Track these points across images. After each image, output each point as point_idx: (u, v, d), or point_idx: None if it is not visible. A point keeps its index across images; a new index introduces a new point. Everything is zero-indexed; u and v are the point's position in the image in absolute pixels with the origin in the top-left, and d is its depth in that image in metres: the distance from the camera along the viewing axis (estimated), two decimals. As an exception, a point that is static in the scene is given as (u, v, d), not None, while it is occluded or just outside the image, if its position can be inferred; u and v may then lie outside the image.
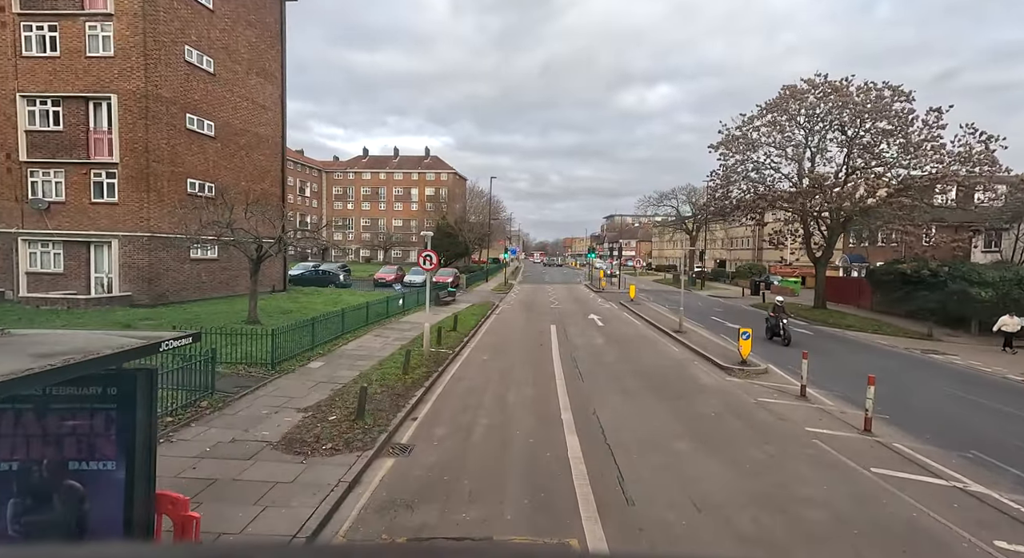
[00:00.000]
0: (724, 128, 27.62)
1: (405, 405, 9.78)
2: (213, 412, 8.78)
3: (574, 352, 15.40)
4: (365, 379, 11.30)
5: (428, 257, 14.09)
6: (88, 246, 19.11)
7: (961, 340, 20.35)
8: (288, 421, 8.55)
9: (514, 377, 12.21)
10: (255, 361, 11.81)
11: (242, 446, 7.43)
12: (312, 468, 6.96)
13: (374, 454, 7.54)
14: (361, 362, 13.12)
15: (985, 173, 22.11)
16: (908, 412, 10.18)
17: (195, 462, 6.83)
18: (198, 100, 20.96)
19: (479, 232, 57.38)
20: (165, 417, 8.14)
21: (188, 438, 7.63)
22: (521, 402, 10.25)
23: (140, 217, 18.74)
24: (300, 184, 76.71)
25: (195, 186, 20.97)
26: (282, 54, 26.40)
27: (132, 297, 18.73)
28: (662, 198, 62.85)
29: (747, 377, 12.78)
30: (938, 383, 13.14)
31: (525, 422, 9.09)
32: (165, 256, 19.16)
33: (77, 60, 18.42)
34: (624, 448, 7.91)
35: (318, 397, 9.97)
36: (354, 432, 8.16)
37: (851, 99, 23.91)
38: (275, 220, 17.56)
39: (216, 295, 22.25)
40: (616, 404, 10.24)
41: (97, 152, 18.90)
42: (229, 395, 9.67)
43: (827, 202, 24.27)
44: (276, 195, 26.34)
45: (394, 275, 36.53)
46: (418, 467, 7.25)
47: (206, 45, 21.20)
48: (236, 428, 8.14)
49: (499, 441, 8.21)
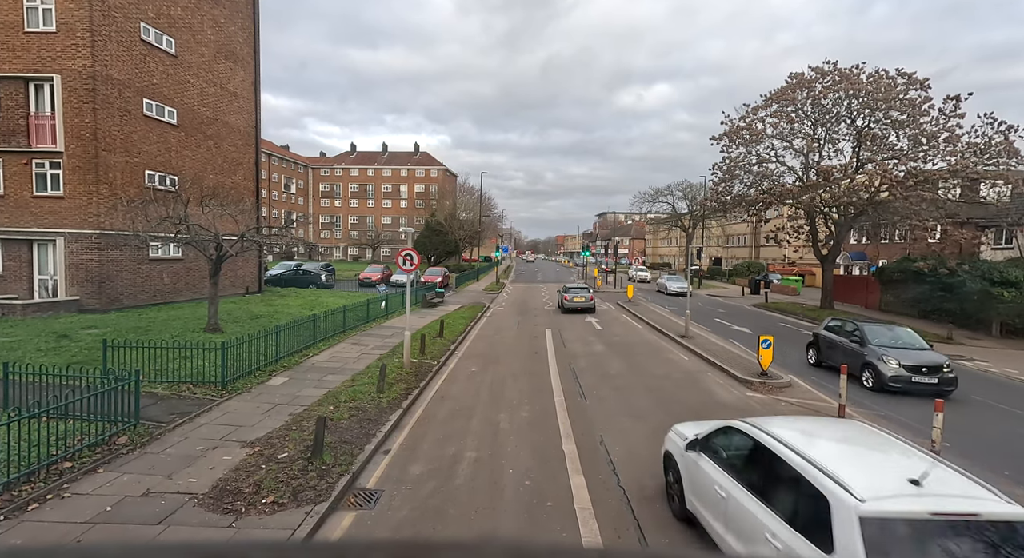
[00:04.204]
0: (727, 119, 26.19)
1: (376, 433, 8.15)
2: (133, 450, 7.08)
3: (573, 362, 13.83)
4: (332, 399, 9.66)
5: (408, 256, 12.40)
6: (30, 245, 17.14)
7: (984, 343, 19.08)
8: (227, 461, 6.88)
9: (506, 395, 10.60)
10: (205, 379, 10.08)
11: (155, 503, 5.74)
12: (244, 533, 5.32)
13: (329, 508, 5.93)
14: (331, 377, 11.46)
15: (1004, 165, 20.84)
16: (968, 437, 8.73)
17: (83, 531, 5.14)
18: (157, 84, 19.02)
19: (470, 230, 55.66)
20: (63, 462, 6.42)
21: (87, 491, 5.92)
22: (515, 429, 8.66)
23: (88, 212, 16.80)
24: (285, 180, 74.44)
25: (154, 178, 19.06)
26: (255, 37, 24.47)
27: (81, 301, 16.82)
28: (657, 194, 61.52)
29: (770, 392, 11.29)
30: (981, 396, 11.73)
31: (520, 456, 7.50)
32: (119, 256, 17.26)
33: (14, 36, 16.42)
34: (643, 495, 6.35)
35: (272, 425, 8.30)
36: (307, 476, 6.52)
37: (862, 87, 22.54)
38: (238, 216, 15.77)
39: (180, 299, 20.38)
40: (626, 430, 8.69)
41: (39, 139, 16.92)
42: (160, 425, 7.96)
43: (837, 197, 22.90)
44: (250, 190, 24.45)
45: (380, 274, 34.75)
46: (385, 524, 5.67)
47: (166, 23, 19.26)
48: (156, 473, 6.45)
49: (488, 484, 6.62)
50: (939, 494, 3.40)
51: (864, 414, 9.92)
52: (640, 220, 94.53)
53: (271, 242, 18.51)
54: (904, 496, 3.38)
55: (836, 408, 9.87)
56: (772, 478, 4.18)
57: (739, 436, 4.89)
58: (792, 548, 3.64)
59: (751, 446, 4.63)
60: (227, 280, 21.72)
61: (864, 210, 24.06)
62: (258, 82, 24.88)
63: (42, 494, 5.74)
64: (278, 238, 18.99)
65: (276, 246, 23.82)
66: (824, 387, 11.87)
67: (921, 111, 21.98)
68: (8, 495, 5.62)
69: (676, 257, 73.14)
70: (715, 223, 59.78)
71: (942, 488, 3.50)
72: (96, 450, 6.87)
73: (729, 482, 4.65)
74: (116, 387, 7.37)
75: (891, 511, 3.27)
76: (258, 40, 24.70)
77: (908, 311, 24.61)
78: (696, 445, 5.47)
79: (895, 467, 3.95)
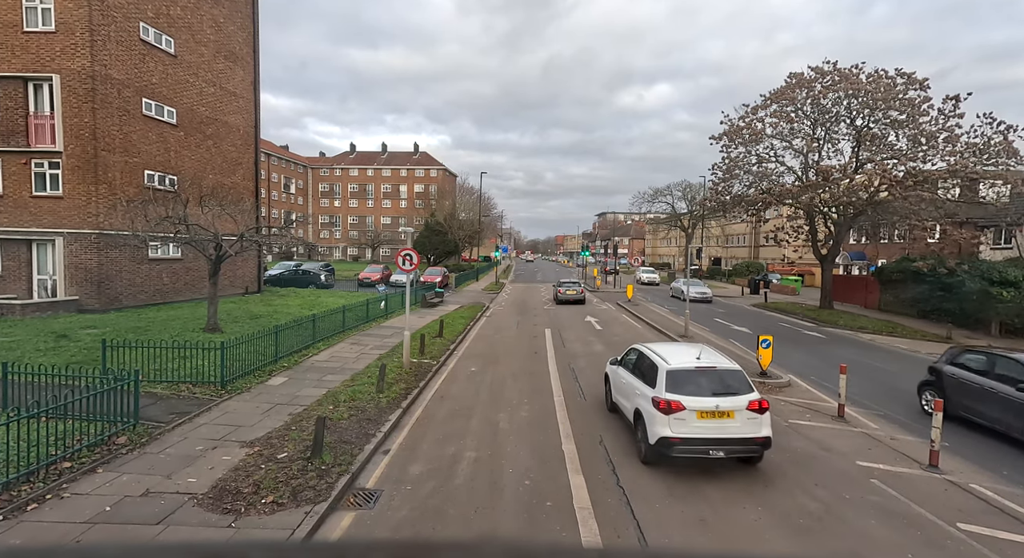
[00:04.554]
0: (727, 119, 26.17)
1: (376, 433, 8.15)
2: (133, 450, 7.07)
3: (572, 362, 13.83)
4: (332, 399, 9.66)
5: (408, 256, 12.39)
6: (29, 244, 17.11)
7: (982, 343, 19.08)
8: (226, 461, 6.87)
9: (505, 395, 10.60)
10: (204, 379, 10.07)
11: (155, 502, 5.74)
12: (243, 533, 5.32)
13: (329, 507, 5.93)
14: (331, 377, 11.45)
15: (1003, 165, 20.85)
16: (969, 439, 8.73)
17: (82, 531, 5.14)
18: (156, 83, 18.99)
19: (469, 230, 55.62)
20: (62, 462, 6.42)
21: (86, 491, 5.92)
22: (514, 428, 8.66)
23: (88, 212, 16.78)
24: (285, 180, 74.36)
25: (154, 178, 19.04)
26: (254, 37, 24.45)
27: (80, 301, 16.80)
28: (657, 194, 61.51)
29: (770, 392, 11.28)
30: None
31: (520, 456, 7.49)
32: (118, 256, 17.23)
33: (13, 35, 16.39)
34: (643, 495, 6.34)
35: (271, 425, 8.30)
36: (307, 476, 6.51)
37: (862, 87, 22.54)
38: (237, 215, 15.75)
39: (180, 299, 20.36)
40: (626, 430, 8.68)
41: (38, 139, 16.89)
42: (159, 425, 7.95)
43: (836, 197, 22.90)
44: (249, 190, 24.43)
45: (380, 274, 34.72)
46: (384, 524, 5.66)
47: (165, 23, 19.23)
48: (156, 473, 6.45)
49: (488, 484, 6.62)
50: (703, 361, 7.48)
51: (865, 414, 9.93)
52: (640, 220, 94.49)
53: (270, 242, 18.50)
54: (688, 362, 7.47)
55: (835, 408, 9.87)
56: (642, 366, 8.11)
57: (635, 352, 8.82)
58: (643, 390, 7.59)
59: (638, 355, 8.53)
60: (226, 280, 21.70)
61: (863, 210, 24.06)
62: (257, 82, 24.86)
63: (41, 494, 5.73)
64: (277, 238, 18.98)
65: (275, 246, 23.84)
66: (823, 386, 11.88)
67: (920, 111, 21.98)
68: (7, 495, 5.61)
69: (675, 257, 73.11)
70: (714, 223, 59.77)
71: (706, 359, 7.57)
72: (95, 450, 6.87)
73: (627, 374, 8.62)
74: (115, 387, 7.36)
75: (679, 367, 7.32)
76: (257, 40, 24.68)
77: (907, 311, 24.63)
78: (616, 362, 9.61)
79: (692, 354, 7.82)
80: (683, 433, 6.70)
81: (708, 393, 6.94)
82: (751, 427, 6.77)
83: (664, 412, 6.84)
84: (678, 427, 6.74)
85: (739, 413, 6.78)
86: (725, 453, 6.70)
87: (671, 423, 6.77)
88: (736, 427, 6.74)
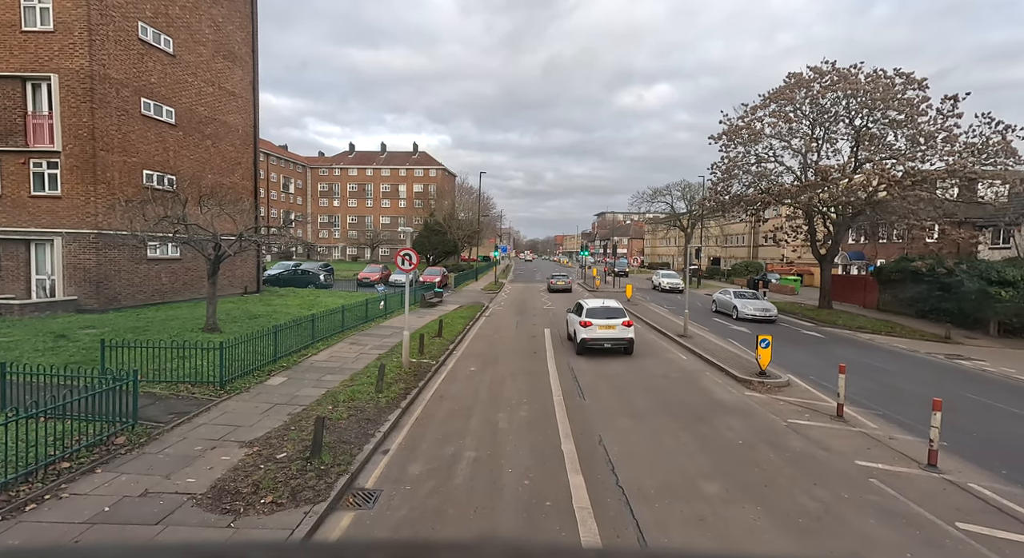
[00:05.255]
0: (726, 118, 26.19)
1: (375, 433, 8.15)
2: (131, 450, 7.07)
3: (572, 362, 13.83)
4: (331, 399, 9.65)
5: (407, 256, 12.38)
6: (28, 244, 17.08)
7: (981, 342, 19.13)
8: (225, 461, 6.87)
9: (505, 395, 10.60)
10: (203, 379, 10.06)
11: (154, 503, 5.73)
12: (242, 533, 5.32)
13: (328, 507, 5.92)
14: (330, 377, 11.45)
15: (1001, 165, 20.88)
16: (965, 437, 8.74)
17: (81, 531, 5.13)
18: (155, 83, 18.97)
19: (468, 229, 55.60)
20: (60, 462, 6.41)
21: (85, 491, 5.91)
22: (514, 428, 8.66)
23: (86, 212, 16.75)
24: (284, 180, 74.30)
25: (152, 178, 19.01)
26: (254, 36, 24.42)
27: (79, 301, 16.77)
28: (656, 194, 61.51)
29: (768, 391, 11.31)
30: (977, 396, 11.75)
31: (520, 456, 7.50)
32: (117, 256, 17.21)
33: (11, 35, 16.36)
34: (642, 495, 6.35)
35: (271, 425, 8.30)
36: (306, 476, 6.51)
37: (860, 87, 22.57)
38: (236, 215, 15.73)
39: (179, 299, 20.33)
40: (625, 430, 8.69)
41: (37, 139, 16.86)
42: (158, 426, 7.95)
43: (835, 197, 22.92)
44: (248, 189, 24.41)
45: (379, 274, 34.69)
46: (383, 524, 5.66)
47: (164, 22, 19.20)
48: (155, 473, 6.45)
49: (488, 483, 6.62)
50: (606, 303, 15.43)
51: (864, 413, 9.95)
52: (639, 220, 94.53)
53: (269, 242, 18.49)
54: (596, 305, 15.21)
55: (834, 407, 9.88)
56: (578, 310, 15.56)
57: (576, 305, 16.09)
58: (577, 319, 15.07)
59: (577, 305, 16.05)
60: (225, 280, 21.68)
61: (862, 210, 24.09)
62: (256, 81, 24.83)
63: (40, 494, 5.72)
64: (276, 238, 18.95)
65: (274, 246, 23.81)
66: (822, 386, 11.89)
67: (919, 111, 22.01)
68: (6, 495, 5.60)
69: (675, 257, 73.17)
70: (713, 223, 59.81)
71: (605, 303, 15.36)
72: (94, 450, 6.86)
73: (573, 315, 16.03)
74: (114, 387, 7.35)
75: (591, 307, 15.08)
76: (256, 39, 24.66)
77: (906, 311, 24.67)
78: (570, 310, 16.68)
79: (600, 302, 15.48)
80: (592, 336, 14.20)
81: (604, 317, 14.44)
82: (623, 332, 14.28)
83: (584, 327, 14.32)
84: (590, 333, 14.22)
85: (618, 327, 14.26)
86: (611, 345, 14.27)
87: (587, 332, 14.24)
88: (616, 333, 14.21)
